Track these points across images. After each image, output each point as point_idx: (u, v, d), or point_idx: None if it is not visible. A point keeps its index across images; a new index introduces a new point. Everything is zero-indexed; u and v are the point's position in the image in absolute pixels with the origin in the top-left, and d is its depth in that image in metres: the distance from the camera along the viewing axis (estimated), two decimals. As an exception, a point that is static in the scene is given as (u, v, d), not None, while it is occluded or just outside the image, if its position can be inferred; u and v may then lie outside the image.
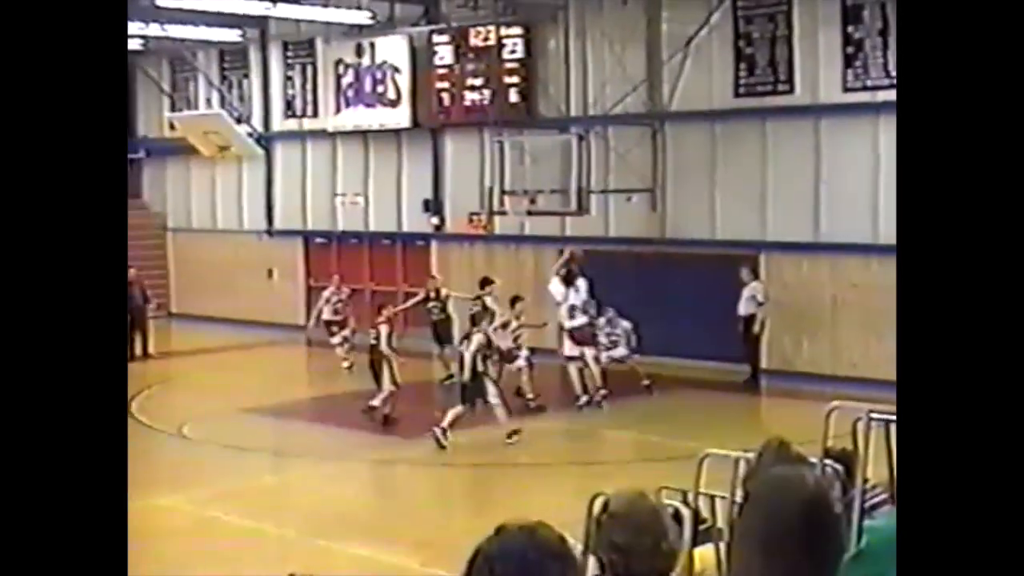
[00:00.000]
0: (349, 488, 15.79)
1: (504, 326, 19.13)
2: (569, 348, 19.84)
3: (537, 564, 2.90)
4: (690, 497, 7.32)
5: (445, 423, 17.08)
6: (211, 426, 18.98)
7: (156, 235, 32.76)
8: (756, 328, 21.38)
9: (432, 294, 22.66)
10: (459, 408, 17.29)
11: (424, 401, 20.16)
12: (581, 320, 19.79)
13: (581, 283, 20.29)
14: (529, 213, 23.03)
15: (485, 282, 20.94)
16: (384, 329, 19.07)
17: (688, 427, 17.52)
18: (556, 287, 20.43)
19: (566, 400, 20.01)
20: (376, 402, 18.91)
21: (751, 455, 6.50)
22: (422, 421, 18.08)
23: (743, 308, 21.44)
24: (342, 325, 23.73)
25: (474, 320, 18.84)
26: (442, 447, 16.95)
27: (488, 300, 20.22)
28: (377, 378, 18.93)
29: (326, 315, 24.02)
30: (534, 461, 16.49)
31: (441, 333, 22.42)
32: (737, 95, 22.43)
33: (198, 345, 27.05)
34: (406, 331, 22.83)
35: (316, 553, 12.93)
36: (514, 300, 20.20)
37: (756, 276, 21.72)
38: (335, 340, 23.54)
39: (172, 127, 28.38)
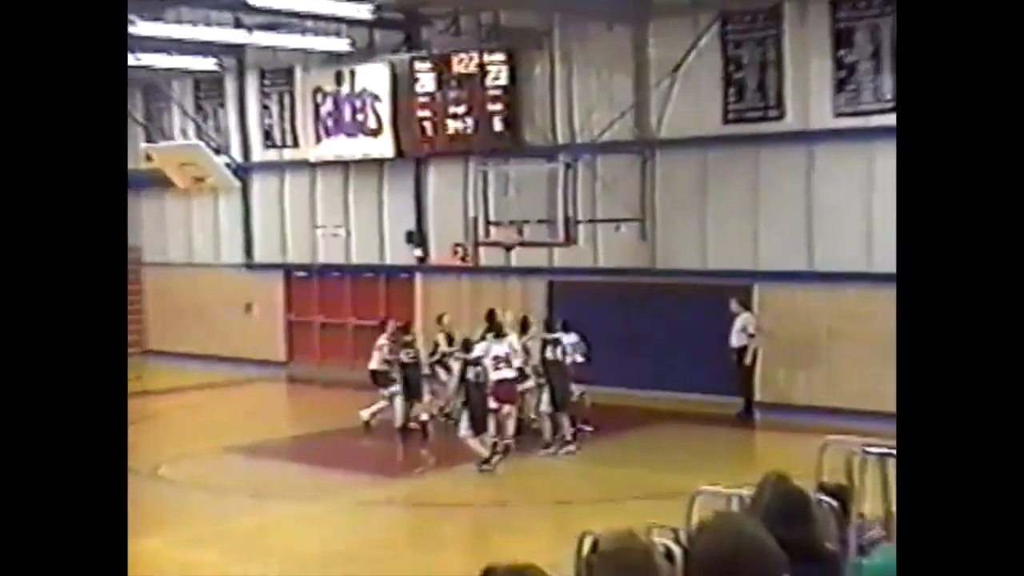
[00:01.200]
0: (331, 530, 15.82)
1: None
2: (491, 401, 18.50)
3: None
4: (682, 535, 7.38)
5: (482, 453, 17.63)
6: (189, 467, 19.01)
7: (130, 270, 32.76)
8: (748, 360, 21.51)
9: (408, 338, 21.78)
10: (472, 437, 17.71)
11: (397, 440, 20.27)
12: (506, 373, 18.62)
13: (512, 337, 19.47)
14: (512, 247, 23.16)
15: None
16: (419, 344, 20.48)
17: (679, 462, 17.62)
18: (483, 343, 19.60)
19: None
20: (425, 416, 20.17)
21: (745, 491, 6.56)
22: (402, 460, 18.14)
23: (735, 340, 21.58)
24: (388, 378, 21.30)
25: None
26: (489, 469, 17.55)
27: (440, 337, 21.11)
28: (413, 393, 20.50)
29: (375, 364, 21.57)
30: (519, 500, 16.55)
31: (411, 381, 20.98)
32: (727, 121, 22.62)
33: (175, 383, 27.08)
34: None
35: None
36: (525, 323, 20.46)
37: (746, 307, 21.87)
38: (384, 392, 21.19)
39: (148, 158, 28.50)
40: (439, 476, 18.45)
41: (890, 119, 18.95)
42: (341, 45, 26.79)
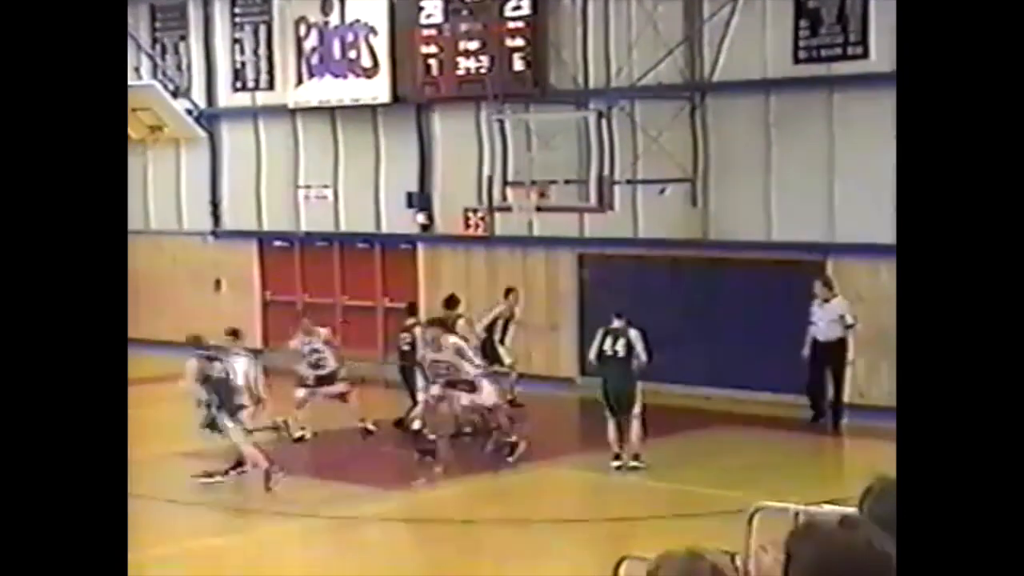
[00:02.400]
0: (315, 550, 15.91)
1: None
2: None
3: None
4: (738, 560, 7.44)
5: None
6: (146, 475, 19.08)
7: (74, 238, 32.93)
8: (850, 356, 21.32)
9: (410, 321, 22.23)
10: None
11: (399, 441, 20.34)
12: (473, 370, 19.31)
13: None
14: (538, 209, 23.15)
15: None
16: (419, 332, 20.05)
17: (737, 474, 17.63)
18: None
19: (582, 443, 20.14)
20: (417, 423, 20.03)
21: (814, 508, 6.60)
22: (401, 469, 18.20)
23: (824, 332, 21.30)
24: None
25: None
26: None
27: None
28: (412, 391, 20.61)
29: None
30: (547, 516, 16.60)
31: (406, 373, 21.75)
32: (797, 60, 22.54)
33: (130, 375, 27.17)
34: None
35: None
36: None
37: (832, 290, 21.55)
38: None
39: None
40: (445, 488, 18.50)
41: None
42: (329, -33, 26.79)
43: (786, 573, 3.72)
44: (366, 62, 27.05)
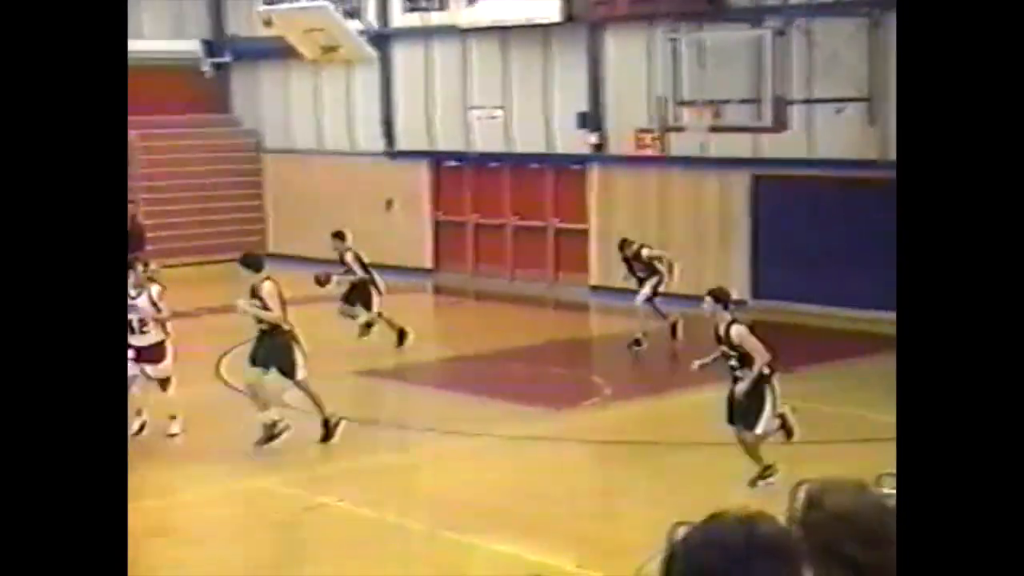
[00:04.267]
0: (486, 469, 15.97)
1: None
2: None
3: (745, 561, 3.00)
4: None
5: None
6: (320, 393, 19.37)
7: (248, 159, 33.40)
8: None
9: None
10: None
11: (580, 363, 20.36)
12: None
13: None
14: (713, 129, 22.91)
15: None
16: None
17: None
18: None
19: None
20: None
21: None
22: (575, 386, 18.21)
23: None
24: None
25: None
26: None
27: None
28: None
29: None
30: (710, 440, 16.49)
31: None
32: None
33: (299, 292, 27.48)
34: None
35: (446, 549, 13.13)
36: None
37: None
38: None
39: (268, 23, 28.80)
40: (615, 408, 18.49)
41: None
42: None
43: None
44: (538, -20, 26.89)
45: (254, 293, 16.11)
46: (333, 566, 12.76)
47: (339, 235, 22.13)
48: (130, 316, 15.71)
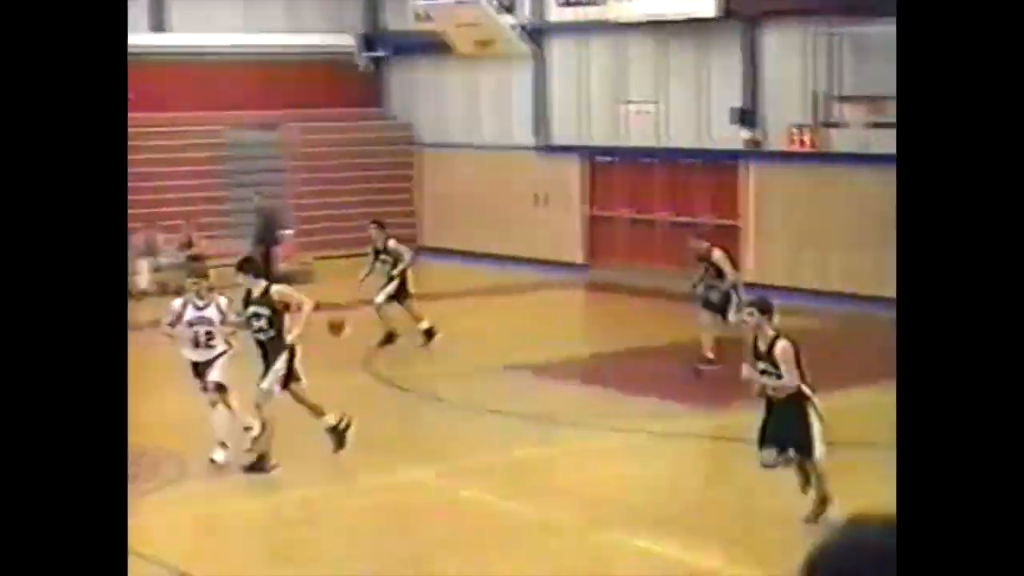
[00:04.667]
0: (633, 466, 15.88)
1: None
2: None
3: (891, 564, 2.93)
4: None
5: None
6: (468, 386, 19.42)
7: (402, 152, 33.62)
8: None
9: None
10: None
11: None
12: None
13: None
14: (874, 125, 22.57)
15: None
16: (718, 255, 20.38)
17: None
18: None
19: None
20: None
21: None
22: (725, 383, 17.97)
23: None
24: None
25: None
26: None
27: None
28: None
29: None
30: (863, 439, 16.19)
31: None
32: None
33: (451, 286, 27.67)
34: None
35: (591, 546, 13.11)
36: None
37: None
38: None
39: (423, 18, 28.96)
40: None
41: None
42: None
43: None
44: (695, -26, 26.75)
45: (248, 299, 15.17)
46: (479, 562, 12.74)
47: (378, 224, 21.79)
48: (197, 328, 15.22)
